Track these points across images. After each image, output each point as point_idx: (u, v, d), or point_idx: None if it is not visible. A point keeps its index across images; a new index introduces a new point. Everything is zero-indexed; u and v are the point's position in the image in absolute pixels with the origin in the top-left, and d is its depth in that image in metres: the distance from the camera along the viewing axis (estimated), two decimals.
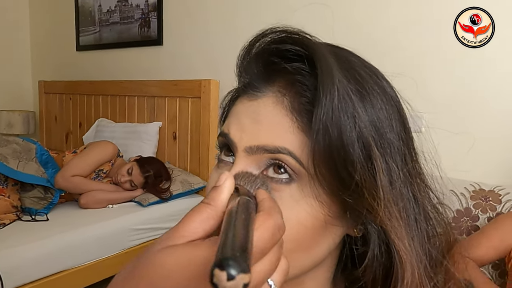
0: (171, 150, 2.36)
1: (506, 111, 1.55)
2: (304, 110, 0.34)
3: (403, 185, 0.35)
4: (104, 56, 2.92)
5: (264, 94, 0.37)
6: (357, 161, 0.32)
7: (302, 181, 0.34)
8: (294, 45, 0.36)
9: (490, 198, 1.41)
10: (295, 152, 0.34)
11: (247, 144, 0.36)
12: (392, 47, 1.76)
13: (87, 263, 1.66)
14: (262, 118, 0.36)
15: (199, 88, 2.19)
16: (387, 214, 0.33)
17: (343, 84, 0.33)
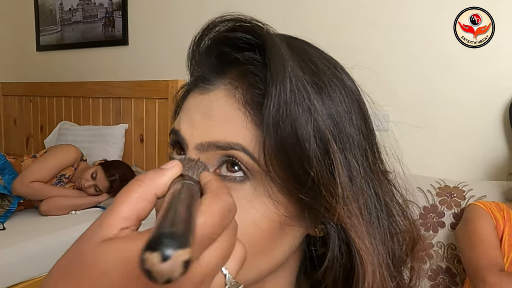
0: (138, 153, 2.29)
1: (468, 107, 1.59)
2: (257, 103, 0.32)
3: (363, 181, 0.33)
4: (66, 56, 2.81)
5: (215, 87, 0.34)
6: (313, 156, 0.30)
7: (256, 179, 0.32)
8: (245, 34, 0.33)
9: (454, 194, 1.44)
10: (249, 148, 0.31)
11: (198, 140, 0.33)
12: (360, 46, 1.77)
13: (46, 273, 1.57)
14: (214, 113, 0.33)
15: (167, 88, 2.14)
16: (347, 212, 0.31)
17: (297, 75, 0.31)
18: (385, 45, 1.73)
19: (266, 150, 0.31)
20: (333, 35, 1.80)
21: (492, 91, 1.53)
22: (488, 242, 1.15)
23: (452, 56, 1.62)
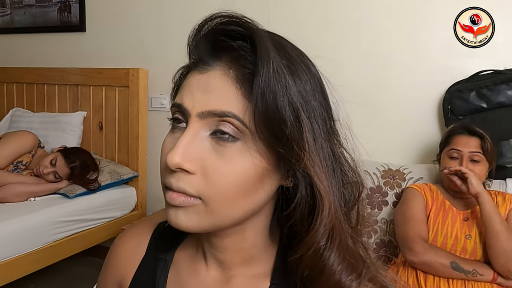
0: (97, 140, 2.29)
1: (408, 100, 1.78)
2: (246, 80, 0.41)
3: (323, 141, 0.43)
4: (17, 40, 2.70)
5: (213, 68, 0.43)
6: (288, 120, 0.40)
7: (245, 138, 0.41)
8: (238, 26, 0.42)
9: (396, 176, 1.62)
10: (239, 115, 0.40)
11: (198, 110, 0.41)
12: (318, 44, 1.91)
13: (8, 258, 1.57)
14: (211, 88, 0.42)
15: (127, 76, 2.15)
16: (311, 162, 0.41)
17: (277, 60, 0.40)
18: (343, 45, 1.88)
19: (255, 115, 0.40)
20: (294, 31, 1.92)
21: (428, 85, 1.73)
22: (418, 218, 1.33)
23: (395, 55, 1.80)
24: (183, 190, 0.41)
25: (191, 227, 0.43)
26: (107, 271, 0.57)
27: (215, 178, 0.41)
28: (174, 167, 0.41)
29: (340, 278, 0.41)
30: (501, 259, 1.19)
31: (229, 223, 0.44)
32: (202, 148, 0.41)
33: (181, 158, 0.40)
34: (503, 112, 1.52)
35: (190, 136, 0.41)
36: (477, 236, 1.29)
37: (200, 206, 0.42)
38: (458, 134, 1.39)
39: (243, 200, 0.42)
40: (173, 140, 0.43)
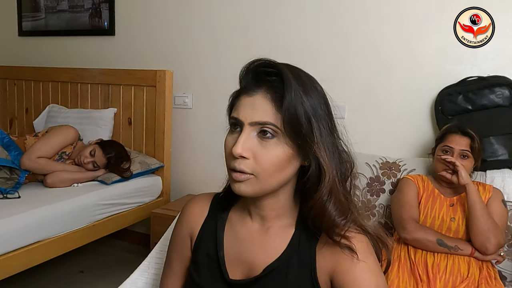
0: (127, 134, 2.55)
1: (404, 100, 2.02)
2: (277, 100, 0.65)
3: (326, 136, 0.68)
4: (51, 43, 2.96)
5: (256, 93, 0.67)
6: (304, 124, 0.65)
7: (278, 136, 0.66)
8: (272, 68, 0.67)
9: (393, 168, 1.86)
10: (274, 122, 0.65)
11: (249, 121, 0.66)
12: (328, 52, 2.15)
13: (60, 234, 1.84)
14: (257, 107, 0.66)
15: (154, 77, 2.40)
16: (318, 149, 0.66)
17: (296, 87, 0.65)
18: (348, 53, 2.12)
19: (284, 122, 0.65)
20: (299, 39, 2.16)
21: (422, 89, 1.97)
22: (411, 203, 1.57)
23: (392, 59, 2.03)
24: (242, 170, 0.66)
25: (248, 193, 0.68)
26: (181, 225, 0.83)
27: (262, 161, 0.66)
28: (237, 156, 0.65)
29: (334, 219, 0.67)
30: (480, 237, 1.43)
31: (270, 189, 0.70)
32: (252, 143, 0.66)
33: (241, 150, 0.65)
34: (485, 113, 1.75)
35: (245, 136, 0.66)
36: (460, 218, 1.53)
37: (253, 179, 0.67)
38: (452, 133, 1.62)
39: (279, 174, 0.68)
40: (233, 139, 0.68)
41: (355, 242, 0.68)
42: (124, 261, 2.50)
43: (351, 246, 0.67)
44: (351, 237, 0.68)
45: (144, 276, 1.04)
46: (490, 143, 1.71)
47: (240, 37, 2.36)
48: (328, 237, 0.69)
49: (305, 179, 0.69)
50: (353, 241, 0.68)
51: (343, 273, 0.67)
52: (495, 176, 1.68)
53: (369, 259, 0.68)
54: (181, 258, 0.83)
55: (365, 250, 0.68)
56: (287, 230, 0.74)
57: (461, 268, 1.42)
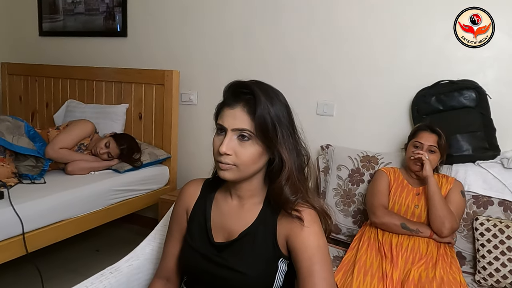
0: (137, 127, 2.82)
1: (383, 99, 2.24)
2: (251, 112, 0.89)
3: (288, 137, 0.92)
4: (68, 42, 3.23)
5: (236, 106, 0.91)
6: (270, 130, 0.89)
7: (252, 138, 0.90)
8: (246, 88, 0.91)
9: (371, 161, 2.10)
10: (249, 128, 0.89)
11: (232, 127, 0.90)
12: (317, 54, 2.38)
13: (81, 214, 2.12)
14: (237, 117, 0.90)
15: (163, 77, 2.65)
16: (280, 147, 0.90)
17: (264, 102, 0.89)
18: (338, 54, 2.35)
19: (256, 128, 0.89)
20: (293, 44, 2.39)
21: (400, 90, 2.19)
22: (382, 192, 1.81)
23: (377, 64, 2.25)
24: (227, 163, 0.90)
25: (230, 178, 0.92)
26: (179, 203, 1.09)
27: (241, 156, 0.90)
28: (222, 153, 0.90)
29: (288, 197, 0.92)
30: (437, 222, 1.66)
31: (246, 176, 0.94)
32: (234, 143, 0.90)
33: (226, 149, 0.89)
34: (454, 113, 1.97)
35: (229, 139, 0.90)
36: (423, 206, 1.76)
37: (235, 168, 0.91)
38: (422, 130, 1.85)
39: (253, 165, 0.93)
40: (219, 140, 0.92)
41: (304, 214, 0.92)
42: (134, 243, 2.78)
43: (300, 217, 0.92)
44: (301, 210, 0.93)
45: (151, 244, 1.31)
46: (457, 140, 1.93)
47: (240, 40, 2.60)
48: (284, 211, 0.94)
49: (271, 168, 0.94)
50: (302, 213, 0.92)
51: (294, 236, 0.92)
52: (459, 169, 1.91)
53: (313, 226, 0.92)
54: (180, 228, 1.08)
55: (311, 219, 0.93)
56: (257, 206, 0.99)
57: (421, 247, 1.65)
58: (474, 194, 1.84)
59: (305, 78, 2.42)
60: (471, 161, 1.93)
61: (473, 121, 1.94)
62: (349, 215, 2.07)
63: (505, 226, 1.70)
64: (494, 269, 1.66)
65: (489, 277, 1.66)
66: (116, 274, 1.18)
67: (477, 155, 1.91)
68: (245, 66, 2.60)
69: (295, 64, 2.45)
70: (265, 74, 2.53)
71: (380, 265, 1.61)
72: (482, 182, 1.83)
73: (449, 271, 1.55)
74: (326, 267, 0.90)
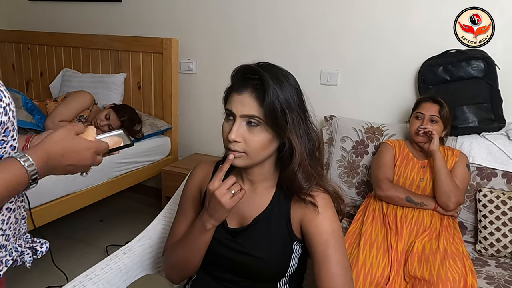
0: (136, 98, 2.76)
1: (390, 69, 2.20)
2: (260, 98, 0.87)
3: (298, 122, 0.90)
4: (60, 8, 3.09)
5: (244, 92, 0.88)
6: (279, 116, 0.87)
7: (261, 124, 0.88)
8: (253, 73, 0.88)
9: (376, 132, 2.09)
10: (258, 115, 0.87)
11: (240, 113, 0.88)
12: (319, 24, 2.29)
13: (85, 188, 2.12)
14: (245, 103, 0.88)
15: (161, 45, 2.57)
16: (291, 133, 0.89)
17: (273, 87, 0.86)
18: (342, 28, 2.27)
19: (265, 114, 0.87)
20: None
21: (407, 59, 2.14)
22: (387, 165, 1.82)
23: (382, 32, 2.18)
24: (236, 150, 0.89)
25: (241, 165, 0.92)
26: (192, 183, 1.08)
27: (250, 143, 0.89)
28: (232, 140, 0.88)
29: (301, 183, 0.92)
30: (443, 197, 1.68)
31: (257, 162, 0.93)
32: (243, 130, 0.88)
33: (235, 136, 0.88)
34: (461, 84, 1.94)
35: (237, 125, 0.88)
36: (428, 179, 1.77)
37: (245, 156, 0.90)
38: (424, 101, 1.83)
39: (263, 151, 0.91)
40: (228, 126, 0.90)
41: (318, 199, 0.92)
42: (138, 211, 2.82)
43: (314, 202, 0.92)
44: (315, 195, 0.93)
45: (161, 223, 1.32)
46: (463, 111, 1.92)
47: (242, 9, 2.50)
48: (297, 196, 0.93)
49: (281, 154, 0.93)
50: (316, 198, 0.92)
51: (308, 221, 0.93)
52: (464, 141, 1.91)
53: (327, 211, 0.93)
54: (194, 207, 1.08)
55: (325, 204, 0.93)
56: (270, 190, 0.99)
57: (425, 219, 1.68)
58: (478, 166, 1.85)
59: (309, 46, 2.35)
60: (477, 133, 1.93)
61: (480, 92, 1.91)
62: (353, 186, 2.09)
63: (508, 197, 1.73)
64: (495, 239, 1.70)
65: (490, 247, 1.71)
66: (129, 254, 1.19)
67: (483, 127, 1.91)
68: (248, 34, 2.52)
69: (299, 32, 2.37)
70: (268, 42, 2.45)
71: (385, 237, 1.64)
72: (487, 154, 1.84)
73: (452, 242, 1.59)
74: (340, 251, 0.91)
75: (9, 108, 0.71)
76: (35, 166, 0.70)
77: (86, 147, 0.77)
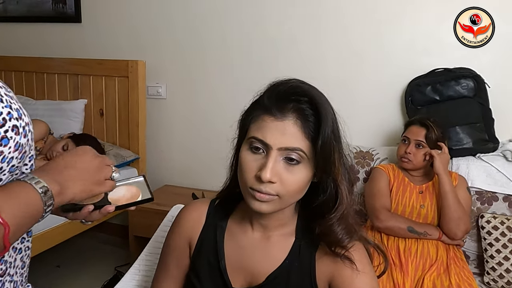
0: (99, 126, 2.49)
1: (376, 91, 2.09)
2: (308, 128, 0.67)
3: (342, 160, 0.71)
4: (11, 30, 2.81)
5: (286, 118, 0.68)
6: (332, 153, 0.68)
7: (304, 162, 0.68)
8: (302, 95, 0.68)
9: (366, 157, 1.94)
10: (303, 149, 0.67)
11: (279, 146, 0.67)
12: (304, 40, 2.17)
13: (42, 231, 1.82)
14: (286, 132, 0.67)
15: (127, 68, 2.34)
16: (338, 174, 0.70)
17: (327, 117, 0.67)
18: None
19: (313, 151, 0.67)
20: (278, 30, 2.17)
21: (393, 80, 2.04)
22: (382, 192, 1.66)
23: (365, 52, 2.09)
24: (268, 193, 0.68)
25: (269, 211, 0.70)
26: (179, 232, 0.85)
27: (287, 184, 0.68)
28: (266, 181, 0.67)
29: (340, 237, 0.72)
30: (451, 224, 1.52)
31: (287, 206, 0.73)
32: (279, 168, 0.68)
33: (270, 176, 0.66)
34: (451, 104, 1.85)
35: (273, 161, 0.67)
36: (429, 205, 1.63)
37: (277, 199, 0.69)
38: (411, 124, 1.71)
39: (299, 194, 0.72)
40: (256, 160, 0.69)
41: (354, 252, 0.73)
42: (101, 253, 2.50)
43: (350, 257, 0.72)
44: (349, 247, 0.73)
45: (135, 279, 1.07)
46: (456, 132, 1.82)
47: (217, 26, 2.34)
48: (329, 250, 0.73)
49: (321, 200, 0.72)
50: (351, 251, 0.72)
51: (342, 281, 0.73)
52: (460, 164, 1.80)
53: (365, 267, 0.73)
54: (179, 264, 0.85)
55: (363, 260, 0.74)
56: (288, 238, 0.78)
57: (430, 251, 1.52)
58: (478, 190, 1.74)
59: (287, 66, 2.21)
60: (472, 154, 1.82)
61: (472, 112, 1.83)
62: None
63: None
64: (505, 270, 1.57)
65: (499, 278, 1.57)
66: None
67: (478, 148, 1.81)
68: (220, 55, 2.35)
69: (276, 51, 2.23)
70: (243, 62, 2.30)
71: (390, 274, 1.47)
72: (486, 176, 1.73)
73: (463, 277, 1.44)
74: None
75: (28, 129, 0.61)
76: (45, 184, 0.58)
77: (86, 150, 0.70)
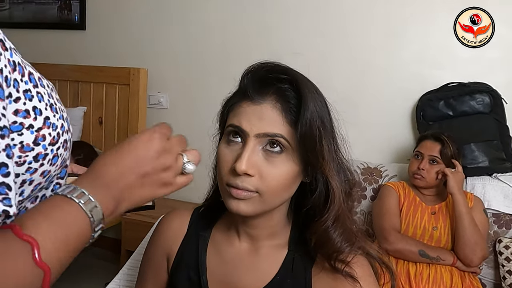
0: (97, 134, 2.42)
1: (385, 106, 2.00)
2: (289, 112, 0.58)
3: (333, 152, 0.62)
4: (16, 35, 2.74)
5: (264, 101, 0.59)
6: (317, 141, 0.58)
7: (287, 151, 0.59)
8: (283, 74, 0.60)
9: (374, 173, 1.83)
10: (285, 135, 0.58)
11: (256, 132, 0.58)
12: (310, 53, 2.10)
13: None
14: (265, 117, 0.58)
15: (128, 75, 2.28)
16: (328, 167, 0.60)
17: (311, 99, 0.58)
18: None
19: (298, 137, 0.57)
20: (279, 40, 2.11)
21: (403, 94, 1.95)
22: (392, 212, 1.54)
23: (373, 64, 2.00)
24: (246, 188, 0.58)
25: (248, 212, 0.60)
26: (157, 244, 0.74)
27: (268, 179, 0.58)
28: (241, 173, 0.57)
29: (339, 246, 0.61)
30: (466, 249, 1.40)
31: (271, 209, 0.62)
32: (258, 158, 0.58)
33: (246, 167, 0.57)
34: (466, 119, 1.75)
35: (250, 150, 0.58)
36: (442, 227, 1.51)
37: (257, 197, 0.59)
38: (425, 139, 1.60)
39: (284, 192, 0.61)
40: (232, 152, 0.60)
41: (356, 268, 0.62)
42: (92, 268, 2.38)
43: (352, 274, 0.61)
44: (351, 262, 0.62)
45: None
46: (471, 150, 1.71)
47: (219, 35, 2.28)
48: (328, 264, 0.62)
49: (312, 200, 0.62)
50: (354, 266, 0.62)
51: None
52: (475, 183, 1.68)
53: (369, 284, 0.62)
54: (156, 280, 0.74)
55: (367, 277, 0.62)
56: (279, 251, 0.67)
57: (444, 277, 1.40)
58: (495, 212, 1.62)
59: None
60: (488, 173, 1.71)
61: (487, 129, 1.72)
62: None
63: None
64: None
65: None
66: None
67: (494, 167, 1.69)
68: (223, 65, 2.28)
69: (280, 61, 2.15)
70: None
71: None
72: (503, 198, 1.61)
73: None
74: None
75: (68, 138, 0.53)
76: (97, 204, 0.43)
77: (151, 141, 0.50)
